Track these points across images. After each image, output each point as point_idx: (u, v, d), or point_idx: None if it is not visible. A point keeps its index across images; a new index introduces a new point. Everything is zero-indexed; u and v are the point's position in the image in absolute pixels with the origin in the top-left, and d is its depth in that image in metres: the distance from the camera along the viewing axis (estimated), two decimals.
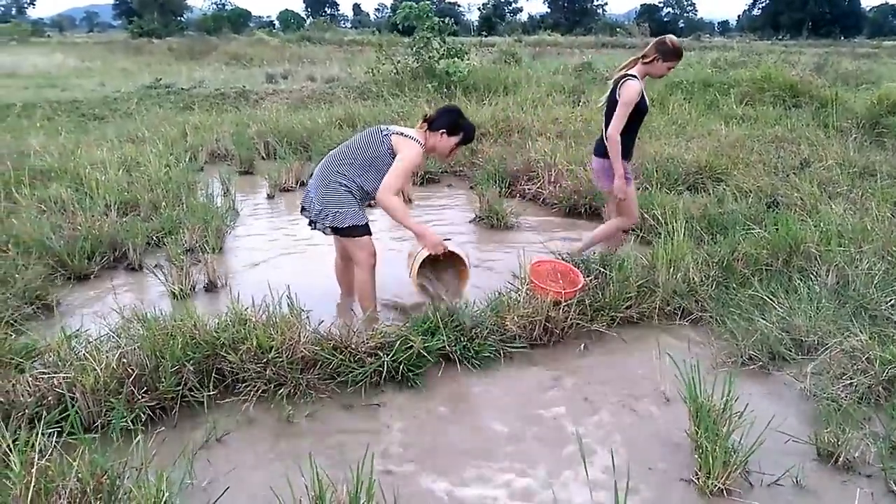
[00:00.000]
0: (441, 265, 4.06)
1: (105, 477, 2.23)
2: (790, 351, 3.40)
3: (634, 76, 4.20)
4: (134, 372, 2.90)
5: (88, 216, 5.08)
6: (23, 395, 2.74)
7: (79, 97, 13.07)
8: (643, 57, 4.25)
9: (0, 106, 11.51)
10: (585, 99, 10.95)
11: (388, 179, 3.66)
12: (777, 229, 4.42)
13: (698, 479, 2.52)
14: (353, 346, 3.27)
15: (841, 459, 2.61)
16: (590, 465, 2.61)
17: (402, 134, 3.74)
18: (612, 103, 4.27)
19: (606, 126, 4.28)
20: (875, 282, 3.78)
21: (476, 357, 3.43)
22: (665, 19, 75.44)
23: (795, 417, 2.96)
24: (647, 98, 4.30)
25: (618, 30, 43.87)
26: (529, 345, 3.62)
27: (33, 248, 4.53)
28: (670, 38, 4.25)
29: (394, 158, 3.70)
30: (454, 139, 3.83)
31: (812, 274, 3.99)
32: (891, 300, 3.62)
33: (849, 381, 3.05)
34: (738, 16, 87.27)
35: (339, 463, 2.60)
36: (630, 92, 4.14)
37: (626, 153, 4.34)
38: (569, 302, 3.73)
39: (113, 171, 6.42)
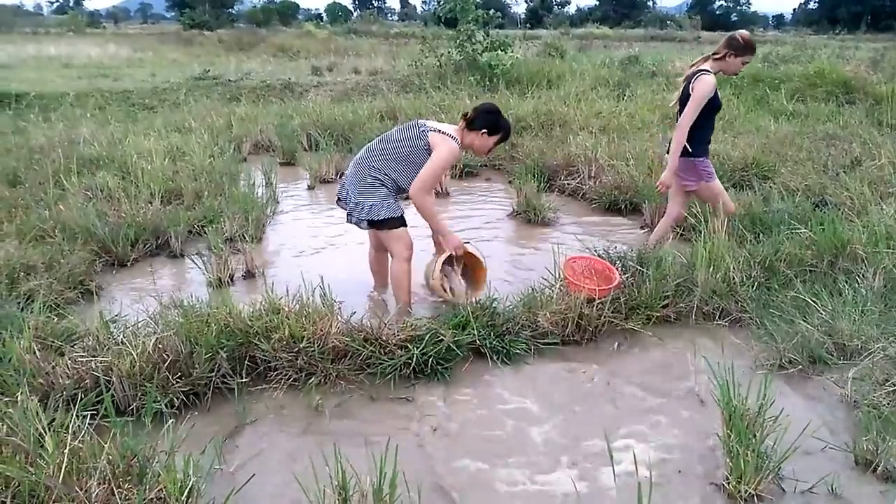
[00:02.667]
0: (460, 267, 4.11)
1: (135, 460, 2.28)
2: (832, 355, 3.29)
3: (708, 71, 4.19)
4: (169, 358, 2.96)
5: (133, 204, 5.21)
6: (62, 378, 2.82)
7: (130, 87, 13.38)
8: (715, 54, 4.26)
9: (55, 95, 11.85)
10: (630, 93, 10.78)
11: (422, 176, 3.69)
12: (823, 229, 4.28)
13: (729, 483, 2.46)
14: (383, 338, 3.28)
15: (880, 469, 2.52)
16: (617, 464, 2.57)
17: (439, 131, 3.74)
18: (685, 99, 4.26)
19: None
20: None
21: (506, 352, 3.41)
22: (717, 12, 73.64)
23: (834, 424, 2.87)
24: (719, 95, 4.29)
25: (668, 23, 43.14)
26: (561, 342, 3.58)
27: (79, 235, 4.67)
28: (741, 33, 4.25)
29: (429, 154, 3.71)
30: (494, 138, 3.86)
31: (858, 276, 3.85)
32: None
33: (892, 388, 2.94)
34: (794, 9, 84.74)
35: (364, 453, 2.61)
36: (703, 86, 4.12)
37: (704, 150, 4.37)
38: (603, 299, 3.68)
39: (159, 160, 6.56)
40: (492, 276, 4.17)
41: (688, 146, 4.26)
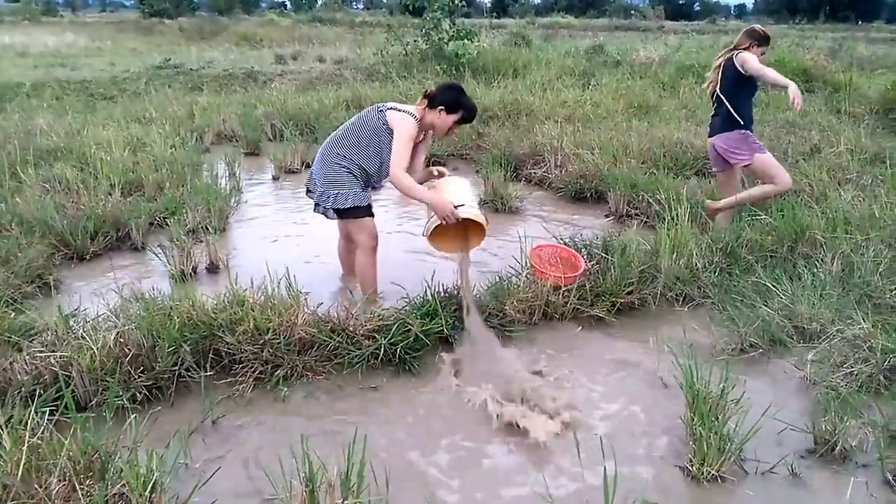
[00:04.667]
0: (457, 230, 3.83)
1: (96, 455, 2.24)
2: (791, 338, 3.36)
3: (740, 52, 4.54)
4: (131, 352, 2.91)
5: (92, 196, 5.10)
6: (19, 374, 2.76)
7: (88, 77, 13.07)
8: (737, 46, 4.61)
9: (10, 85, 11.52)
10: (595, 82, 10.84)
11: (393, 158, 3.62)
12: (783, 216, 4.37)
13: (692, 465, 2.50)
14: (350, 329, 3.27)
15: (838, 448, 2.59)
16: (583, 449, 2.60)
17: (397, 109, 3.71)
18: (728, 78, 4.60)
19: (731, 102, 4.60)
20: (880, 270, 3.72)
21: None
22: (680, 2, 74.39)
23: (794, 405, 2.94)
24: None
25: (632, 12, 43.46)
26: (529, 327, 3.61)
27: (36, 228, 4.55)
28: (757, 26, 4.71)
29: (390, 135, 3.67)
30: (453, 117, 3.75)
31: (817, 261, 3.94)
32: (895, 288, 3.57)
33: (849, 370, 3.02)
34: (755, 0, 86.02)
35: (332, 444, 2.59)
36: (749, 56, 4.48)
37: (751, 123, 4.69)
38: (569, 287, 3.71)
39: (118, 151, 6.42)
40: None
41: (739, 119, 4.58)
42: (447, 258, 4.23)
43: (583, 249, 4.16)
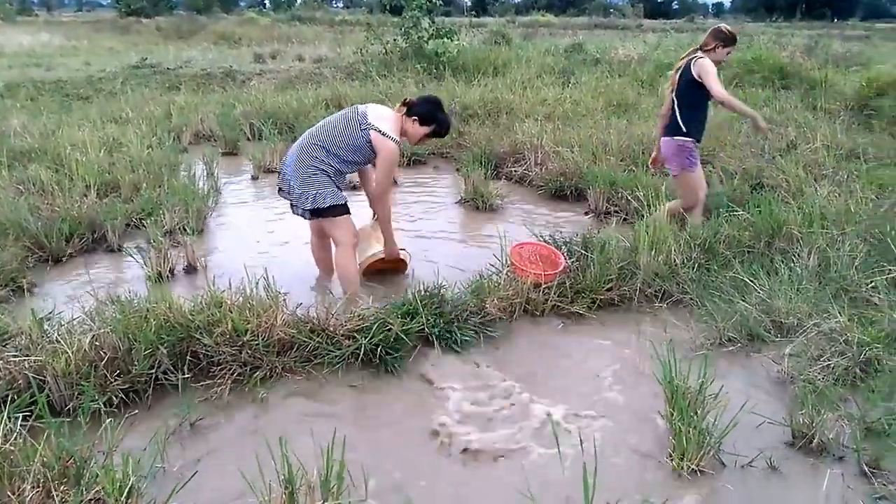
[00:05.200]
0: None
1: (71, 461, 2.20)
2: (769, 333, 3.39)
3: (702, 55, 4.45)
4: (106, 355, 2.87)
5: (68, 197, 5.03)
6: None
7: (63, 77, 12.88)
8: (703, 46, 4.50)
9: None
10: (575, 80, 10.87)
11: (380, 181, 3.84)
12: (760, 211, 4.40)
13: (672, 460, 2.52)
14: (330, 329, 3.25)
15: (815, 441, 2.61)
16: (563, 445, 2.60)
17: (379, 132, 3.72)
18: (686, 82, 4.47)
19: (680, 108, 4.50)
20: (856, 264, 3.76)
21: (455, 340, 3.41)
22: (659, 1, 74.86)
23: (772, 399, 2.96)
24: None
25: (612, 11, 43.68)
26: (509, 325, 3.61)
27: (10, 230, 4.49)
28: (724, 26, 4.60)
29: (373, 152, 3.75)
30: (425, 129, 3.87)
31: (794, 256, 3.97)
32: (871, 282, 3.61)
33: (826, 363, 3.05)
34: None
35: (312, 446, 2.57)
36: (710, 67, 4.36)
37: (695, 131, 4.53)
38: (549, 284, 3.72)
39: (94, 151, 6.34)
40: (440, 262, 4.22)
41: (681, 125, 4.47)
42: (429, 261, 4.25)
43: (563, 247, 4.16)
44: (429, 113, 3.84)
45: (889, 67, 10.80)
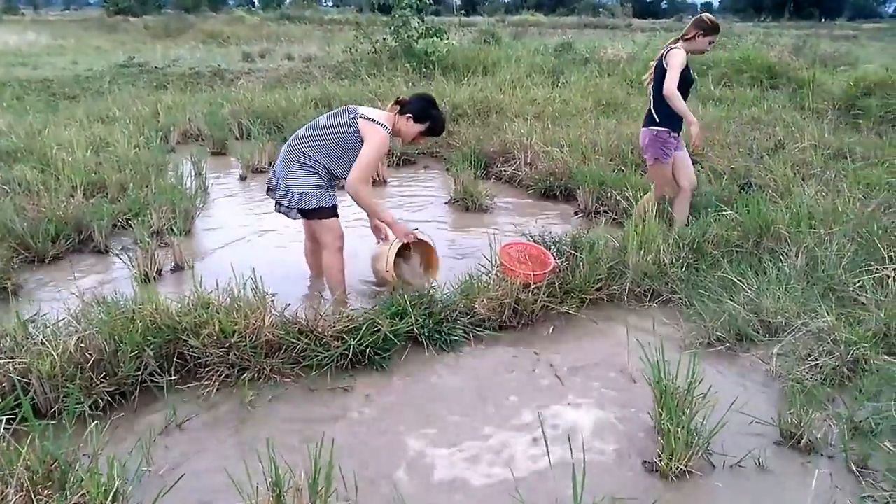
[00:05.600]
0: (409, 254, 4.11)
1: (55, 464, 2.18)
2: (757, 332, 3.40)
3: (677, 47, 4.45)
4: (92, 357, 2.84)
5: (54, 198, 4.98)
6: None
7: (50, 76, 12.77)
8: (684, 35, 4.51)
9: None
10: (564, 79, 10.88)
11: (356, 170, 3.65)
12: (749, 211, 4.42)
13: (661, 460, 2.51)
14: (319, 330, 3.23)
15: (803, 441, 2.62)
16: (552, 445, 2.60)
17: (369, 119, 3.68)
18: (658, 74, 4.49)
19: (656, 99, 4.49)
20: (843, 263, 3.77)
21: (444, 340, 3.40)
22: (648, 0, 75.07)
23: (760, 399, 2.97)
24: (692, 70, 4.57)
25: (601, 10, 43.76)
26: (499, 327, 3.60)
27: None
28: (706, 15, 4.58)
29: (361, 143, 3.66)
30: (419, 127, 3.81)
31: (782, 256, 3.99)
32: (858, 281, 3.62)
33: (814, 363, 3.06)
34: None
35: (300, 448, 2.56)
36: (677, 55, 4.39)
37: (672, 123, 4.50)
38: (538, 284, 3.71)
39: (80, 151, 6.30)
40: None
41: (655, 115, 4.48)
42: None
43: (552, 246, 4.16)
44: (422, 110, 3.81)
45: (876, 67, 10.86)
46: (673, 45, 4.48)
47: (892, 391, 2.76)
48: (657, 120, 4.49)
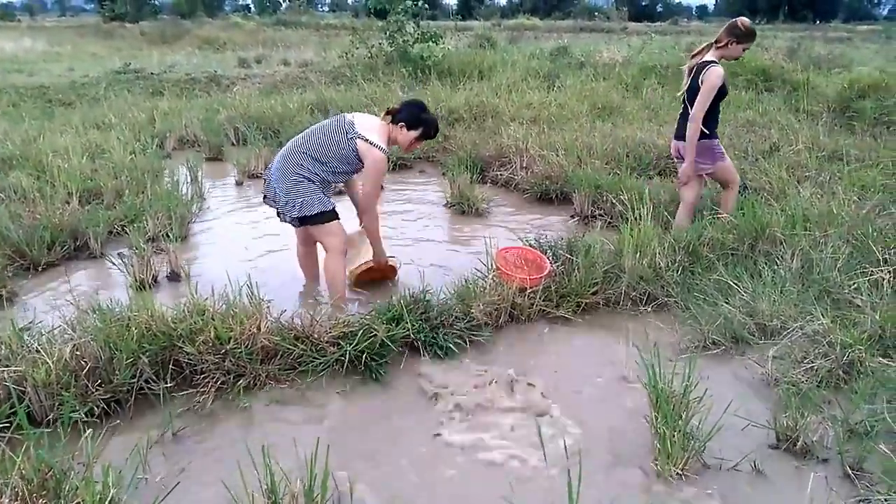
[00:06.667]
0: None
1: (50, 473, 2.17)
2: (753, 335, 3.41)
3: (715, 62, 4.33)
4: (87, 364, 2.83)
5: (49, 204, 4.98)
6: None
7: (46, 83, 12.75)
8: (717, 42, 4.40)
9: None
10: (560, 83, 10.90)
11: (367, 191, 3.82)
12: (744, 214, 4.42)
13: (657, 464, 2.52)
14: (315, 336, 3.23)
15: (799, 444, 2.62)
16: (547, 449, 2.60)
17: (367, 141, 3.70)
18: (693, 89, 4.39)
19: (687, 109, 4.44)
20: (839, 265, 3.78)
21: (440, 345, 3.40)
22: (643, 3, 75.25)
23: (756, 402, 2.97)
24: (726, 82, 4.41)
25: (596, 14, 43.85)
26: (495, 329, 3.61)
27: None
28: (741, 20, 4.41)
29: (360, 161, 3.73)
30: (414, 133, 3.85)
31: (777, 258, 3.99)
32: (853, 284, 3.63)
33: (810, 365, 3.06)
34: (717, 1, 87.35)
35: (296, 455, 2.56)
36: (714, 77, 4.27)
37: (712, 131, 4.46)
38: (534, 288, 3.72)
39: (76, 158, 6.29)
40: (426, 267, 4.22)
41: (704, 129, 4.38)
42: (415, 265, 4.23)
43: (548, 251, 4.17)
44: (413, 116, 3.84)
45: (870, 69, 10.90)
46: (708, 59, 4.35)
47: (887, 393, 2.76)
48: (705, 132, 4.37)
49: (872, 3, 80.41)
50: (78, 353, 2.87)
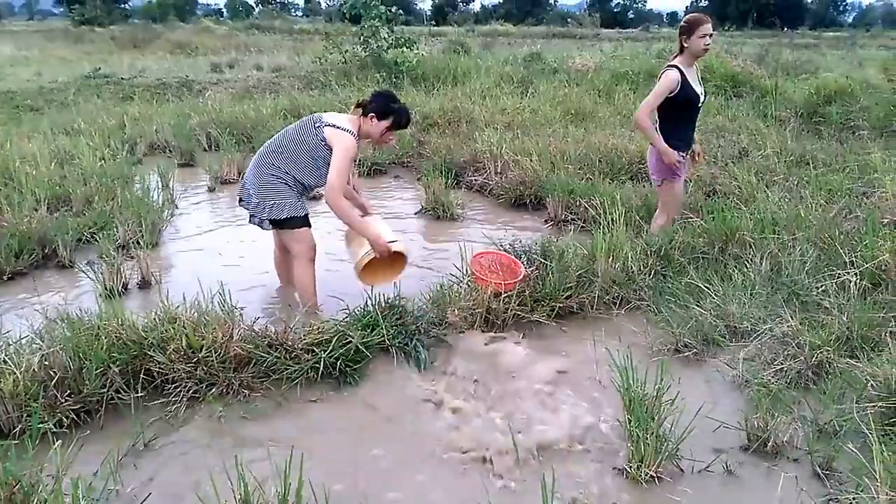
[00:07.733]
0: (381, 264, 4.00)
1: (18, 487, 2.13)
2: (724, 338, 3.45)
3: (674, 66, 4.29)
4: (56, 374, 2.79)
5: (16, 212, 4.89)
6: None
7: (13, 88, 12.51)
8: (680, 46, 4.34)
9: None
10: (533, 89, 10.97)
11: (331, 180, 3.59)
12: (714, 218, 4.48)
13: (630, 466, 2.54)
14: (289, 343, 3.20)
15: (770, 444, 2.66)
16: (522, 452, 2.61)
17: (334, 126, 3.67)
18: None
19: (658, 120, 4.42)
20: (807, 268, 3.85)
21: (416, 351, 3.39)
22: (615, 10, 76.08)
23: (728, 403, 3.01)
24: (697, 87, 4.34)
25: (568, 20, 44.23)
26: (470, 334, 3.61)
27: None
28: (686, 16, 4.39)
29: (329, 150, 3.64)
30: (384, 123, 3.78)
31: (747, 261, 4.05)
32: (821, 286, 3.69)
33: (779, 367, 3.11)
34: (686, 7, 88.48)
35: (270, 464, 2.54)
36: (663, 80, 4.26)
37: (676, 145, 4.33)
38: (509, 293, 3.73)
39: (44, 164, 6.19)
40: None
41: (669, 139, 4.32)
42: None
43: (522, 255, 4.18)
44: (383, 106, 3.79)
45: (836, 75, 11.12)
46: (670, 64, 4.33)
47: (855, 393, 2.81)
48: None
49: (838, 11, 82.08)
50: (46, 363, 2.83)
